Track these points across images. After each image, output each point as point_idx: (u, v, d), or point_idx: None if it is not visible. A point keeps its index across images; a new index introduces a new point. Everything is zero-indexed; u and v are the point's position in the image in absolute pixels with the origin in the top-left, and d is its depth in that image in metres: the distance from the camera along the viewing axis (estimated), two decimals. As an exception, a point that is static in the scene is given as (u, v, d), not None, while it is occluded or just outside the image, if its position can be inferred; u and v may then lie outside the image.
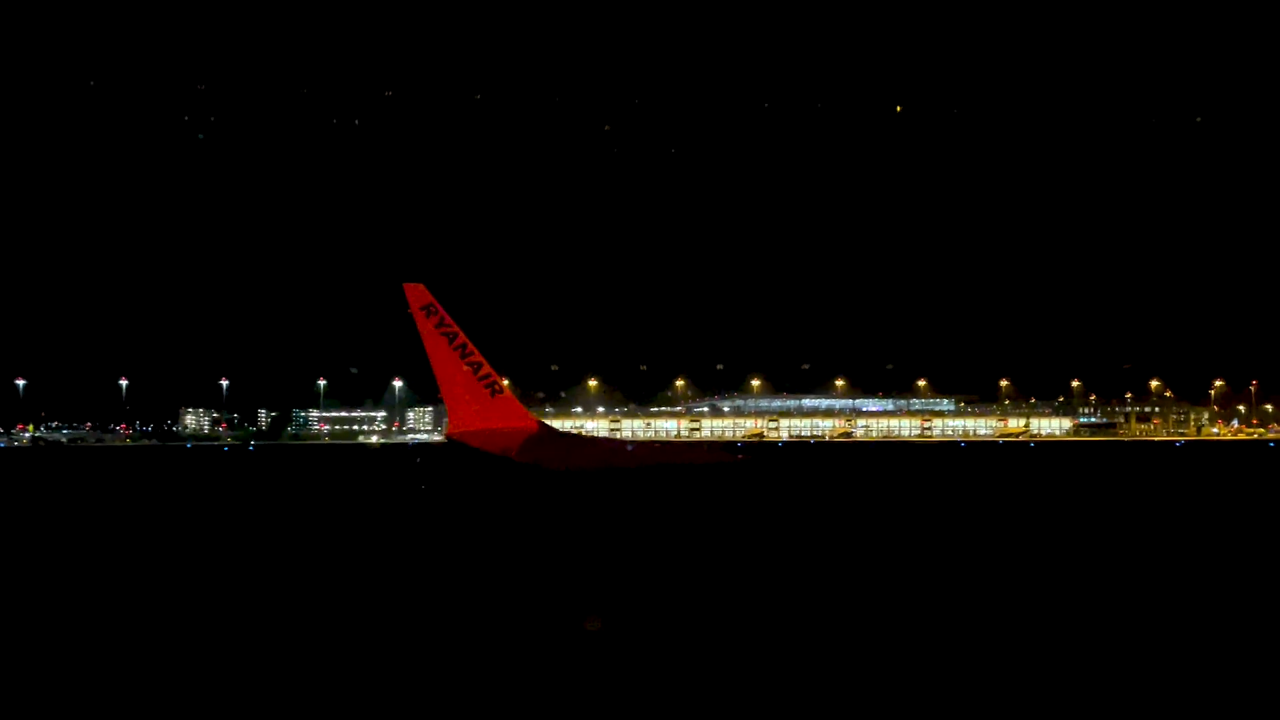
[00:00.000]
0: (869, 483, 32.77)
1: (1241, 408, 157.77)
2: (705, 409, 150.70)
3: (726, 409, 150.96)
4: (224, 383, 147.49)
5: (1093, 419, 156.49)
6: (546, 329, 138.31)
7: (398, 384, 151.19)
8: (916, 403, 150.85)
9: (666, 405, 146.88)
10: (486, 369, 29.33)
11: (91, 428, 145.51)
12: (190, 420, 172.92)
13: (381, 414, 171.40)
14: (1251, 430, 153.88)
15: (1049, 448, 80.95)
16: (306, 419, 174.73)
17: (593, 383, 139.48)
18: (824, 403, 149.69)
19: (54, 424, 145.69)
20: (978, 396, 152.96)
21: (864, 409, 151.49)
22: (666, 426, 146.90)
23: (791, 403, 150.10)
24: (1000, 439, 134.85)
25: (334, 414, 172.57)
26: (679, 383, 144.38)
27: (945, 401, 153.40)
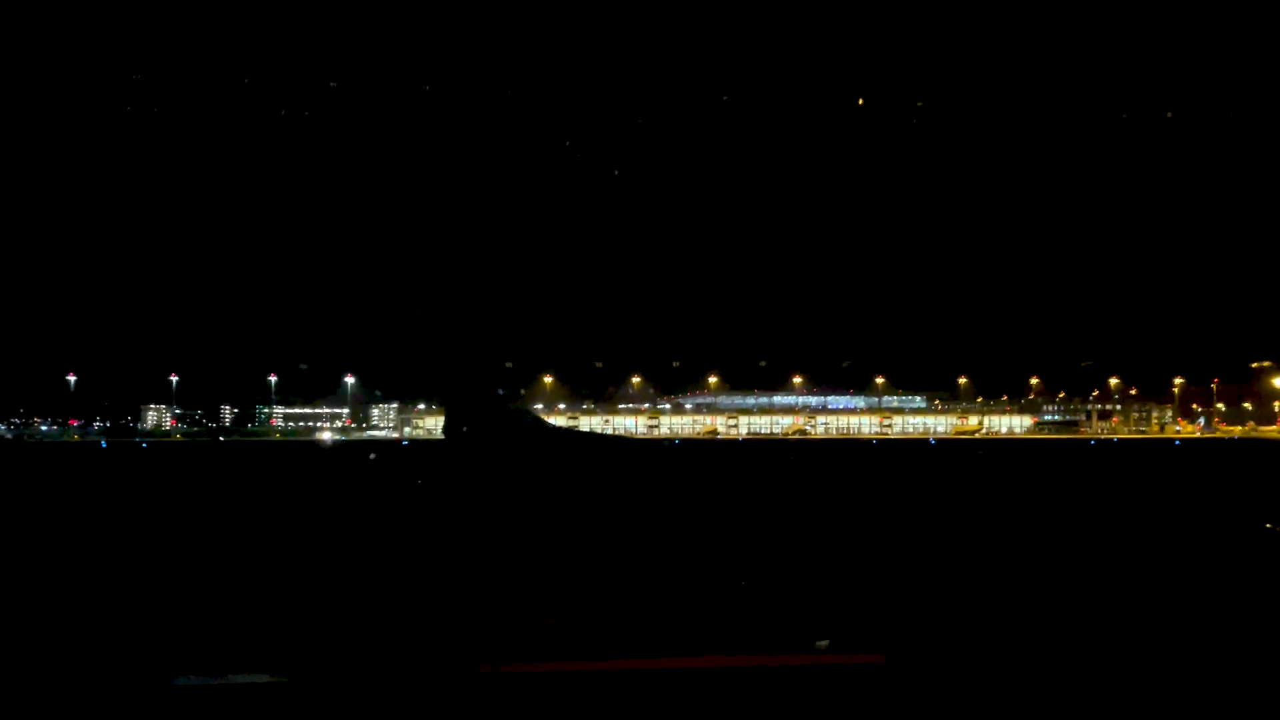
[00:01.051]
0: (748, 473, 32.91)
1: (1197, 406, 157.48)
2: (668, 406, 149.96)
3: (689, 406, 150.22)
4: (174, 378, 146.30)
5: (1054, 416, 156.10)
6: (501, 325, 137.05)
7: (350, 380, 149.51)
8: (875, 400, 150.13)
9: (624, 403, 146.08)
10: None
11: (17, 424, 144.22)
12: (152, 416, 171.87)
13: (345, 410, 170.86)
14: (1215, 428, 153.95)
15: (998, 444, 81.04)
16: (269, 415, 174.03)
17: (548, 379, 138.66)
18: (783, 399, 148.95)
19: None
20: (947, 393, 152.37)
21: (823, 406, 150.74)
22: (625, 424, 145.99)
23: (751, 400, 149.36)
24: (957, 436, 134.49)
25: (297, 410, 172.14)
26: (635, 379, 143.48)
27: (907, 398, 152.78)
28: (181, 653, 8.12)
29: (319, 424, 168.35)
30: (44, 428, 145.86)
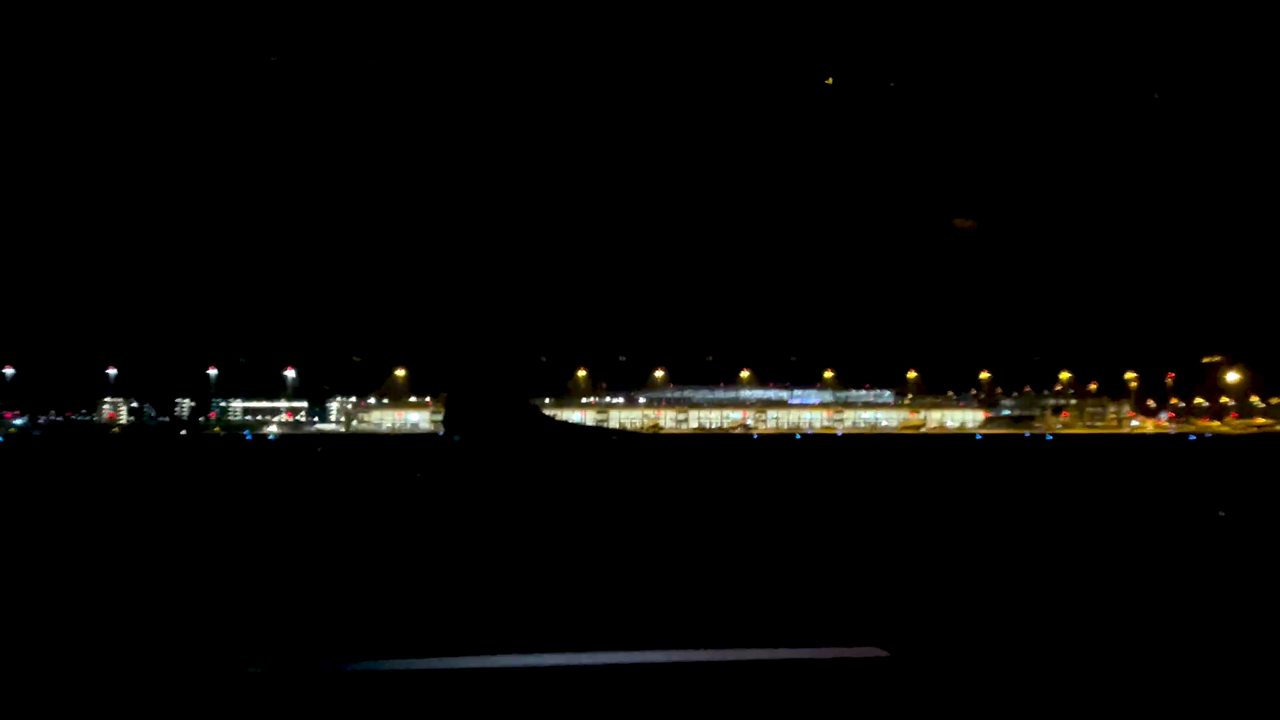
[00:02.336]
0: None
1: (1152, 402, 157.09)
2: (620, 400, 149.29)
3: (642, 400, 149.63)
4: (111, 371, 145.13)
5: (1007, 411, 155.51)
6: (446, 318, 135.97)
7: (290, 374, 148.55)
8: (827, 395, 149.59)
9: (567, 397, 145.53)
10: None
11: None
12: (107, 409, 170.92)
13: (304, 404, 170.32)
14: (1172, 423, 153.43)
15: (937, 439, 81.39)
16: (226, 409, 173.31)
17: (581, 373, 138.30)
18: (731, 394, 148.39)
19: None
20: (898, 388, 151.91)
21: (773, 400, 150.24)
22: (574, 417, 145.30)
23: (700, 393, 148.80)
24: (903, 431, 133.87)
25: (255, 404, 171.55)
26: (581, 373, 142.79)
27: (859, 393, 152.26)
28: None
29: (274, 418, 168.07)
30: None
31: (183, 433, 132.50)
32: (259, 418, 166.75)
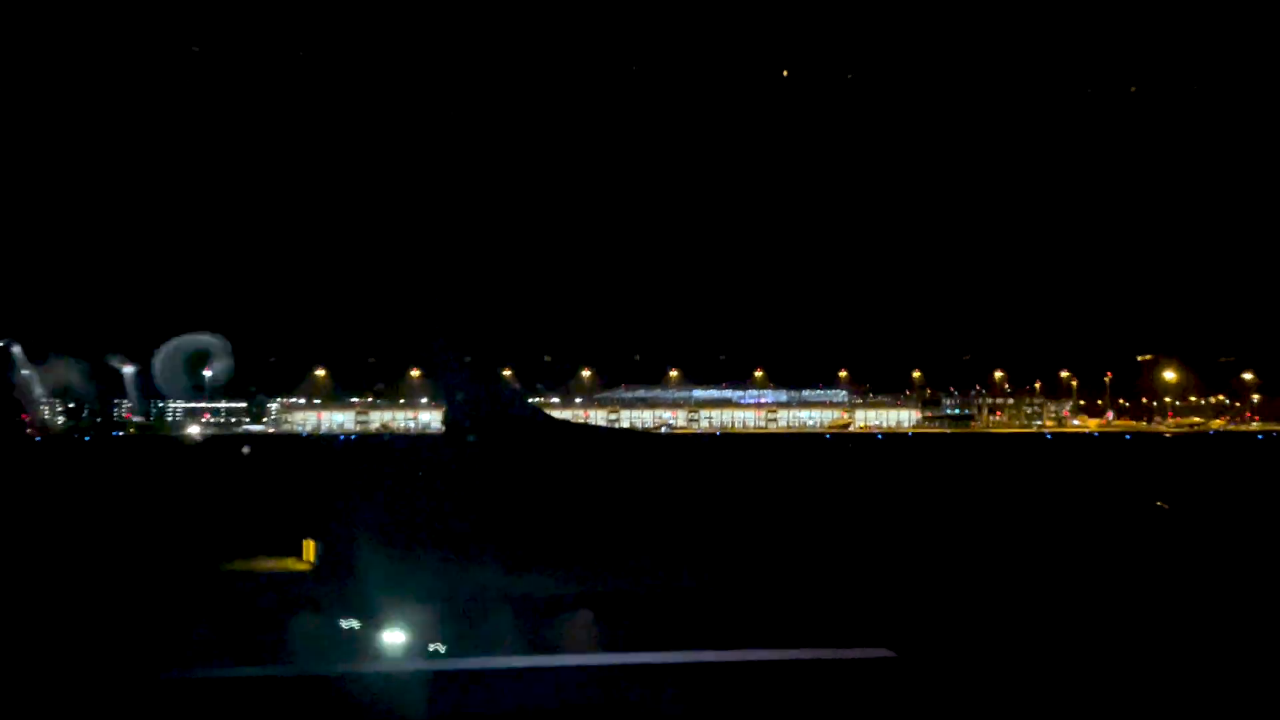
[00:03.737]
0: None
1: (1082, 401, 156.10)
2: (556, 400, 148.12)
3: (579, 400, 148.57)
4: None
5: (949, 411, 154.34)
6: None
7: (207, 373, 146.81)
8: (758, 394, 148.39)
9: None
10: None
11: None
12: (44, 411, 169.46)
13: (243, 405, 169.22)
14: (1114, 422, 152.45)
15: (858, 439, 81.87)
16: (164, 409, 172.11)
17: (415, 372, 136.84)
18: (665, 394, 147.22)
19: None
20: (829, 387, 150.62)
21: (706, 399, 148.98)
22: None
23: (633, 394, 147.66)
24: (830, 431, 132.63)
25: (195, 405, 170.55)
26: (506, 373, 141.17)
27: (810, 393, 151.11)
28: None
29: (223, 419, 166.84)
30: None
31: (82, 436, 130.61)
32: (201, 418, 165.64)
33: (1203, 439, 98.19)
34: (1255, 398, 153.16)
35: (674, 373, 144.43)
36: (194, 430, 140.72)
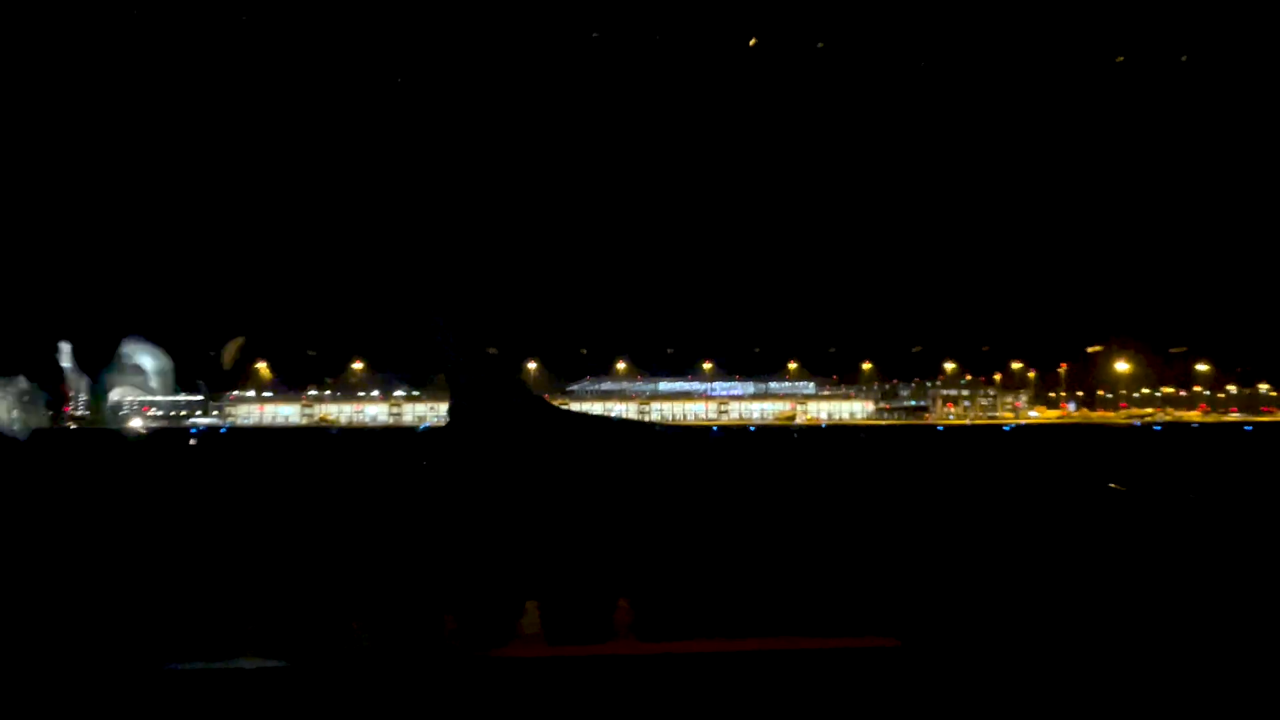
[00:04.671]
0: None
1: (1033, 393, 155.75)
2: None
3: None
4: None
5: (905, 403, 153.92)
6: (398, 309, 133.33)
7: (148, 365, 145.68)
8: (705, 385, 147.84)
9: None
10: None
11: None
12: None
13: (199, 398, 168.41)
14: (1076, 413, 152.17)
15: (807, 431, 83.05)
16: (121, 403, 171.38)
17: (358, 365, 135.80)
18: (613, 385, 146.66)
19: None
20: (778, 378, 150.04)
21: (660, 392, 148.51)
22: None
23: (581, 386, 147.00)
24: (776, 423, 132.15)
25: (154, 399, 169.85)
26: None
27: (777, 385, 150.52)
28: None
29: (180, 412, 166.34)
30: None
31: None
32: (148, 411, 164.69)
33: (1152, 429, 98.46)
34: (1198, 388, 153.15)
35: (621, 365, 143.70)
36: (136, 423, 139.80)
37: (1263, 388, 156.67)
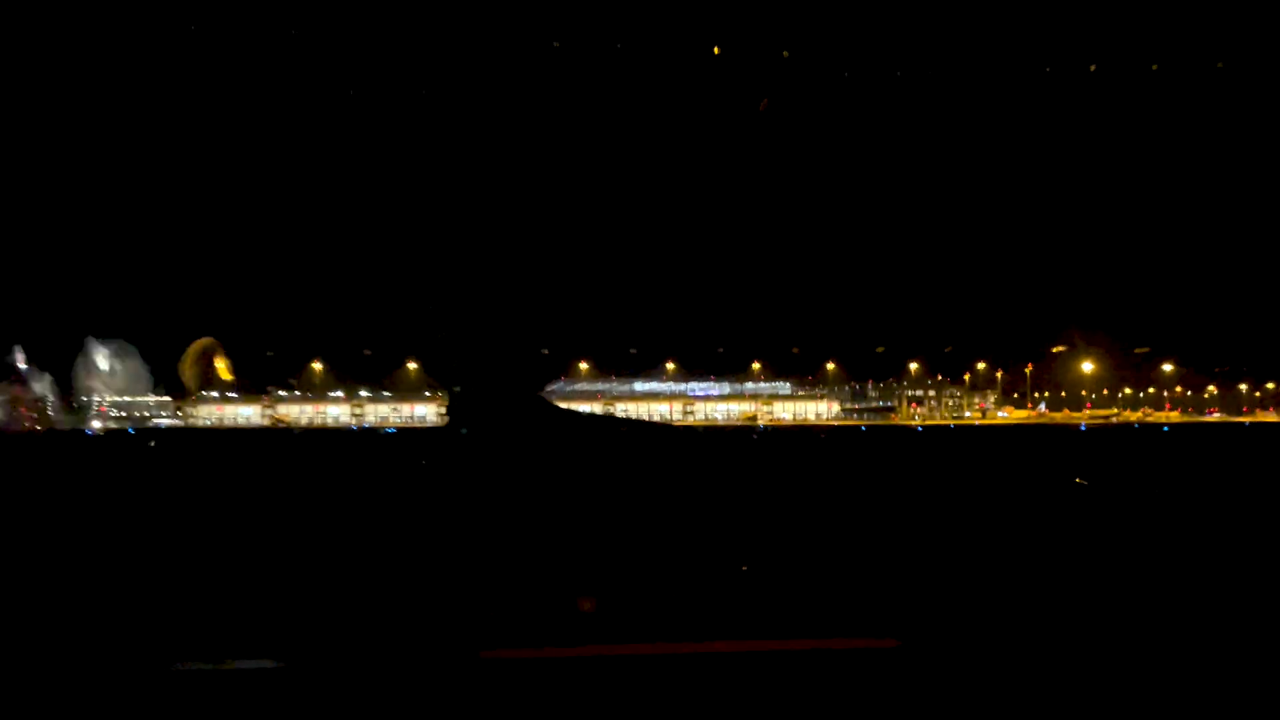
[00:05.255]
0: None
1: (1000, 393, 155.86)
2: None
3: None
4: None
5: (873, 403, 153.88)
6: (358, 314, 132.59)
7: (104, 366, 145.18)
8: (671, 385, 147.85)
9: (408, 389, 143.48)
10: None
11: None
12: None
13: (166, 398, 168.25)
14: (1043, 413, 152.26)
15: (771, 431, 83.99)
16: (89, 404, 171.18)
17: (317, 366, 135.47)
18: (585, 386, 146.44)
19: None
20: (744, 378, 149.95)
21: (625, 391, 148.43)
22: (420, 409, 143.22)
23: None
24: (739, 423, 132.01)
25: (121, 399, 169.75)
26: (410, 365, 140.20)
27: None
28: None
29: (142, 413, 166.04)
30: None
31: None
32: (129, 412, 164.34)
33: (1117, 430, 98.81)
34: (1180, 389, 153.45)
35: (584, 365, 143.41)
36: (96, 424, 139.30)
37: (1242, 388, 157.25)
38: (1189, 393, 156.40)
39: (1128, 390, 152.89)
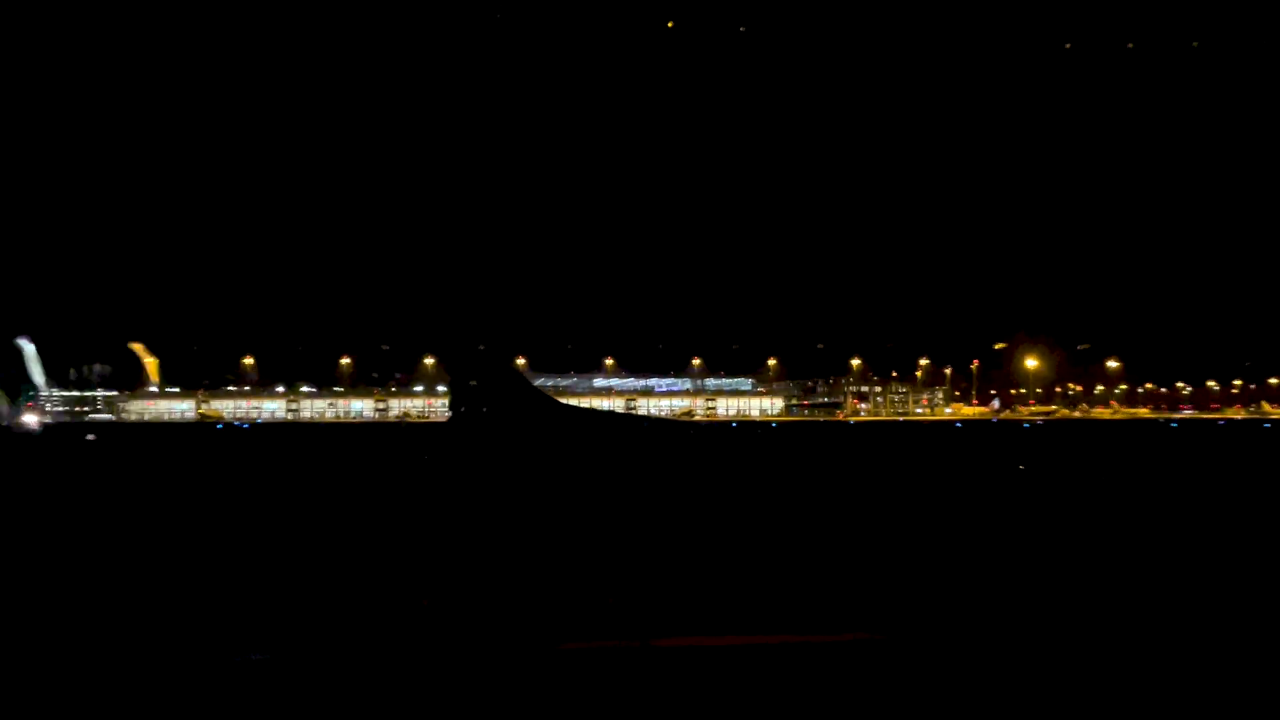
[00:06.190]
0: None
1: (949, 389, 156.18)
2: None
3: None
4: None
5: (820, 400, 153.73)
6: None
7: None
8: (613, 381, 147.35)
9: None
10: None
11: None
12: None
13: (116, 394, 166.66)
14: (994, 409, 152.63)
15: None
16: (37, 397, 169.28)
17: (249, 360, 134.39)
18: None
19: None
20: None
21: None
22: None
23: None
24: (683, 419, 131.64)
25: (70, 394, 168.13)
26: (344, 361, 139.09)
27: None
28: None
29: (87, 409, 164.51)
30: None
31: None
32: (76, 407, 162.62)
33: (1057, 425, 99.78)
34: (1123, 387, 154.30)
35: (521, 361, 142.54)
36: (30, 419, 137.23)
37: (1179, 385, 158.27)
38: (1162, 389, 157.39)
39: (1076, 387, 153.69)
